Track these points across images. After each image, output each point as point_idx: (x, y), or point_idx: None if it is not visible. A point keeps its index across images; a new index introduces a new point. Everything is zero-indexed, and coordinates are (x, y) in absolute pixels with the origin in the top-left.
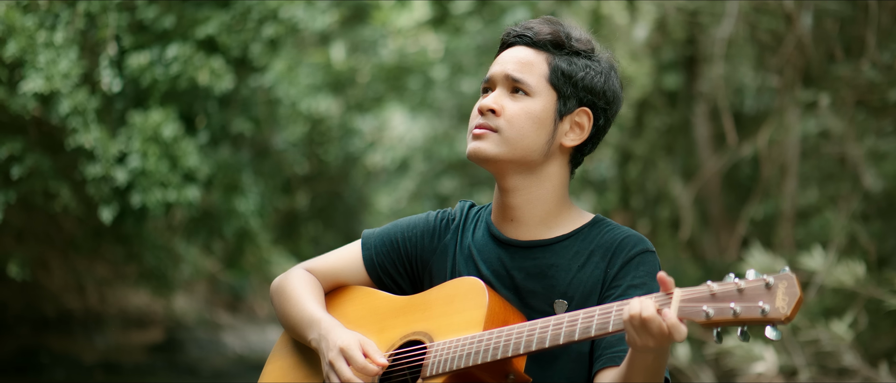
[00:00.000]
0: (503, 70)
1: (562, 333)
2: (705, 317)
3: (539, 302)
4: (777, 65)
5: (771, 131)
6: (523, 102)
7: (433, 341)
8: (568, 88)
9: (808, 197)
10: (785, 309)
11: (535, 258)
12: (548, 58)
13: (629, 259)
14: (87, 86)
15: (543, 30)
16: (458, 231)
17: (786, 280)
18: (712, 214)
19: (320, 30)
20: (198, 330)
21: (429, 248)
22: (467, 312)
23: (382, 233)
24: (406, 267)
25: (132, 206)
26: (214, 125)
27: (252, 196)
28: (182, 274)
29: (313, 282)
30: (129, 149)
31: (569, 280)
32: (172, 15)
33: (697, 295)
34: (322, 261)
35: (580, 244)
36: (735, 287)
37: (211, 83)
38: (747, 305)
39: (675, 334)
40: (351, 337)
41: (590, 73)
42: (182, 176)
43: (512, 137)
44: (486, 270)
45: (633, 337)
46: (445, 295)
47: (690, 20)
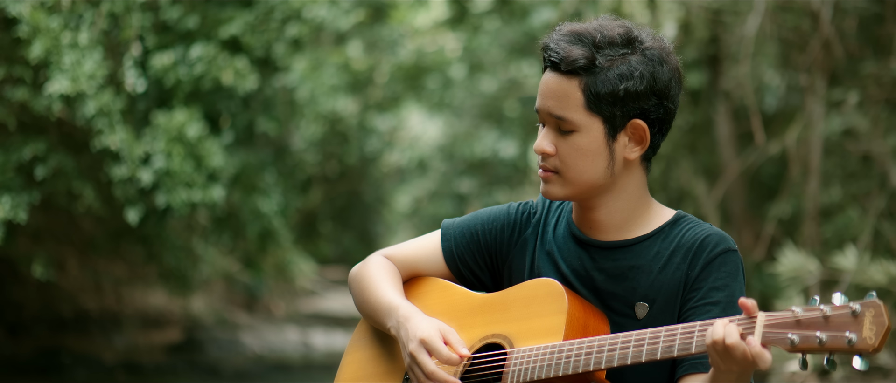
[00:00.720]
0: (545, 107)
1: (643, 351)
2: (790, 345)
3: (620, 305)
4: (804, 63)
5: (799, 129)
6: (571, 140)
7: (513, 346)
8: (610, 109)
9: (831, 195)
10: (872, 339)
11: (615, 259)
12: (580, 84)
13: (711, 260)
14: (111, 87)
15: (573, 54)
16: (538, 225)
17: (873, 308)
18: (734, 213)
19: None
20: (216, 329)
21: (509, 242)
22: (547, 317)
23: (463, 225)
24: (486, 260)
25: (157, 207)
26: (238, 125)
27: (275, 196)
28: (201, 274)
29: (392, 268)
30: (154, 149)
31: (650, 282)
32: (196, 15)
33: (782, 321)
34: (401, 250)
35: (661, 244)
36: (821, 314)
37: (235, 83)
38: (833, 335)
39: (760, 362)
40: (431, 326)
41: (628, 83)
42: (206, 176)
43: (572, 177)
44: (566, 269)
45: (716, 361)
46: (524, 297)
47: (713, 18)
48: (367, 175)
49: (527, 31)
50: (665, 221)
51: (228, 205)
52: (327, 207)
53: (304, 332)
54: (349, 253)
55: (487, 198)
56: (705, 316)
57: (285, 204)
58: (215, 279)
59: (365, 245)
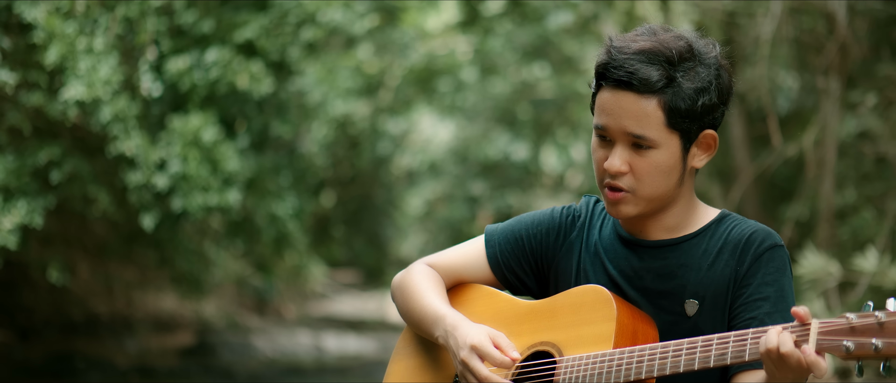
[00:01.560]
0: (621, 126)
1: (696, 359)
2: (845, 352)
3: (669, 303)
4: (820, 65)
5: (817, 132)
6: (650, 157)
7: (562, 355)
8: (688, 124)
9: (845, 197)
10: None
11: (664, 258)
12: (660, 102)
13: (759, 255)
14: (127, 92)
15: (652, 76)
16: (583, 228)
17: None
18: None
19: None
20: (227, 333)
21: (554, 246)
22: (596, 324)
23: (506, 230)
24: (531, 265)
25: (173, 211)
26: (253, 129)
27: (289, 199)
28: (213, 277)
29: (436, 276)
30: (170, 154)
31: (699, 279)
32: (211, 19)
33: (836, 328)
34: (444, 257)
35: (708, 242)
36: (875, 321)
37: (250, 87)
38: (889, 341)
39: (816, 370)
40: (480, 333)
41: (704, 97)
42: (222, 180)
43: (648, 194)
44: (614, 271)
45: (771, 370)
46: (572, 304)
47: (728, 20)
48: (378, 178)
49: (540, 34)
50: (711, 220)
51: (243, 209)
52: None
53: (315, 336)
54: (360, 256)
55: (499, 200)
56: (756, 312)
57: (300, 207)
58: (227, 283)
59: (376, 248)
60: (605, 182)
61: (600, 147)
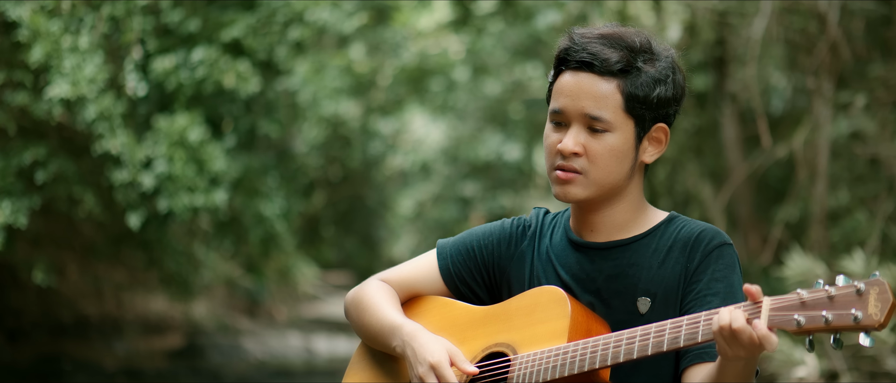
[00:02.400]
0: (579, 107)
1: (649, 344)
2: (796, 326)
3: (622, 302)
4: (811, 65)
5: (806, 132)
6: (604, 139)
7: (517, 353)
8: (644, 112)
9: (838, 199)
10: (878, 315)
11: (614, 259)
12: (619, 85)
13: (709, 252)
14: (112, 91)
15: (612, 58)
16: (534, 237)
17: (877, 286)
18: (740, 217)
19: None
20: (217, 335)
21: (506, 256)
22: (550, 323)
23: (458, 242)
24: (484, 276)
25: (159, 212)
26: (241, 129)
27: (277, 200)
28: (202, 279)
29: (390, 290)
30: (156, 153)
31: (650, 277)
32: (197, 18)
33: (787, 304)
34: (397, 272)
35: (658, 241)
36: (825, 294)
37: (237, 86)
38: (839, 313)
39: (767, 344)
40: (439, 349)
41: (660, 88)
42: (209, 180)
43: (599, 177)
44: (566, 275)
45: (723, 348)
46: (526, 306)
47: (719, 20)
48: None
49: (531, 33)
50: (660, 221)
51: (231, 209)
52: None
53: (306, 338)
54: (352, 257)
55: (491, 201)
56: (707, 307)
57: (288, 208)
58: (217, 284)
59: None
60: (556, 164)
61: (554, 132)
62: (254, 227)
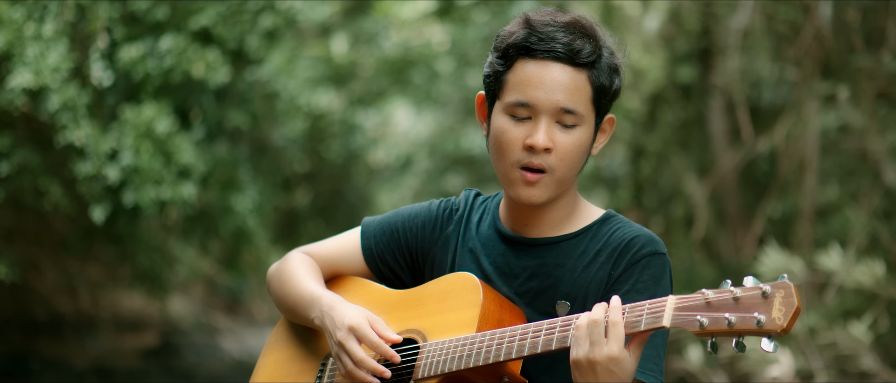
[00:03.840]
0: (553, 101)
1: (554, 338)
2: (699, 327)
3: (542, 303)
4: (795, 56)
5: (789, 125)
6: (573, 135)
7: (426, 340)
8: (605, 103)
9: (828, 194)
10: (781, 320)
11: (540, 257)
12: (590, 76)
13: (636, 261)
14: (77, 80)
15: (584, 49)
16: (461, 222)
17: (783, 289)
18: (729, 212)
19: (321, 21)
20: (194, 334)
21: (430, 239)
22: (461, 310)
23: (383, 222)
24: (407, 258)
25: (125, 205)
26: (210, 120)
27: (249, 194)
28: (177, 275)
29: (312, 263)
30: (122, 145)
31: (573, 280)
32: (166, 5)
33: (692, 304)
34: (320, 248)
35: (588, 242)
36: (731, 295)
37: (206, 76)
38: (742, 316)
39: (613, 330)
40: (358, 314)
41: (617, 77)
42: (177, 173)
43: (563, 175)
44: (489, 266)
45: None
46: (440, 291)
47: (705, 10)
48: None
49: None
50: (594, 220)
51: (202, 203)
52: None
53: None
54: None
55: None
56: None
57: (261, 202)
58: (195, 281)
59: None
60: (523, 162)
61: (517, 127)
62: (223, 222)
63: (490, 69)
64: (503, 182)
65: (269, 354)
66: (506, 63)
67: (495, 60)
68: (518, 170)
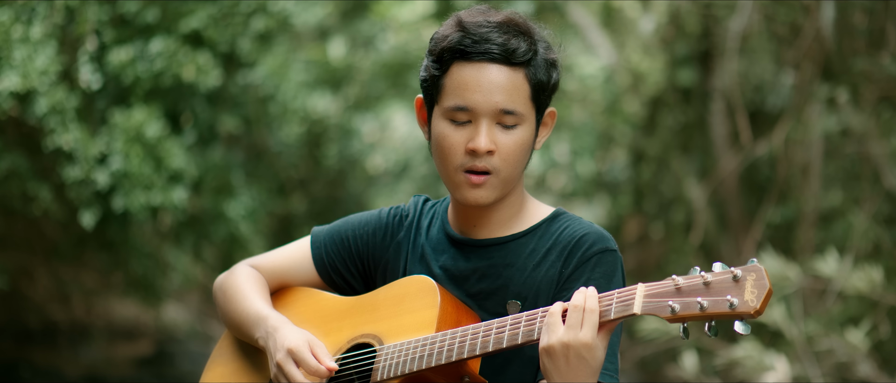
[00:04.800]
0: (492, 103)
1: (520, 332)
2: (671, 313)
3: (493, 304)
4: (794, 58)
5: (788, 129)
6: (514, 134)
7: (383, 343)
8: (544, 98)
9: (831, 199)
10: (754, 302)
11: (490, 258)
12: (527, 74)
13: (586, 258)
14: (65, 83)
15: (520, 47)
16: (411, 228)
17: (754, 272)
18: (731, 217)
19: (316, 24)
20: (190, 342)
21: (381, 246)
22: (418, 312)
23: (333, 230)
24: (358, 266)
25: (114, 210)
26: (201, 124)
27: (243, 199)
28: (172, 283)
29: (259, 278)
30: (111, 149)
31: (523, 280)
32: (156, 8)
33: (662, 290)
34: (268, 259)
35: (538, 241)
36: (701, 280)
37: (197, 79)
38: (714, 299)
39: (589, 316)
40: (299, 337)
41: (553, 71)
42: (167, 177)
43: (508, 175)
44: (439, 270)
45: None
46: (395, 295)
47: (705, 12)
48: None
49: None
50: (543, 218)
51: (195, 208)
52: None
53: None
54: None
55: None
56: None
57: (254, 208)
58: (191, 289)
59: None
60: (466, 166)
61: (458, 131)
62: (216, 228)
63: (426, 73)
64: (449, 185)
65: (214, 368)
66: (441, 67)
67: (431, 64)
68: (462, 174)
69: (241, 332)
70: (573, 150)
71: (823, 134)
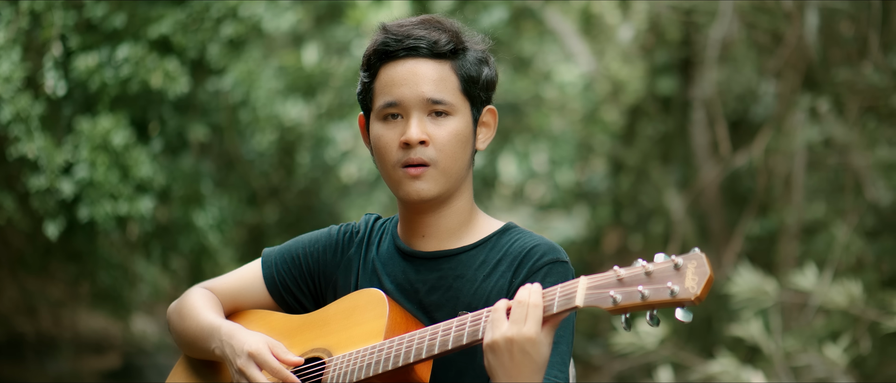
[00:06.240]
0: (418, 93)
1: (465, 333)
2: (613, 303)
3: (444, 316)
4: (776, 67)
5: (770, 139)
6: (448, 124)
7: (332, 356)
8: (478, 93)
9: (813, 211)
10: (695, 288)
11: (439, 270)
12: (454, 67)
13: (537, 269)
14: (30, 90)
15: (441, 39)
16: (361, 245)
17: (695, 260)
18: (711, 229)
19: (289, 29)
20: (158, 355)
21: (332, 264)
22: (367, 323)
23: (283, 250)
24: (309, 284)
25: (80, 220)
26: (170, 132)
27: (212, 209)
28: (140, 294)
29: (211, 296)
30: (77, 158)
31: (473, 291)
32: (123, 13)
33: (604, 282)
34: (221, 282)
35: (488, 253)
36: (643, 270)
37: (165, 86)
38: (656, 287)
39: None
40: (257, 339)
41: (486, 68)
42: (134, 187)
43: (447, 166)
44: (390, 284)
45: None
46: (345, 309)
47: (685, 20)
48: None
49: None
50: (493, 231)
51: (163, 218)
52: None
53: None
54: None
55: None
56: None
57: (223, 218)
58: (160, 300)
59: None
60: (403, 160)
61: (391, 128)
62: (184, 238)
63: (360, 86)
64: (392, 186)
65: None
66: (371, 73)
67: (362, 75)
68: (400, 169)
69: (196, 347)
70: (552, 160)
71: (806, 144)
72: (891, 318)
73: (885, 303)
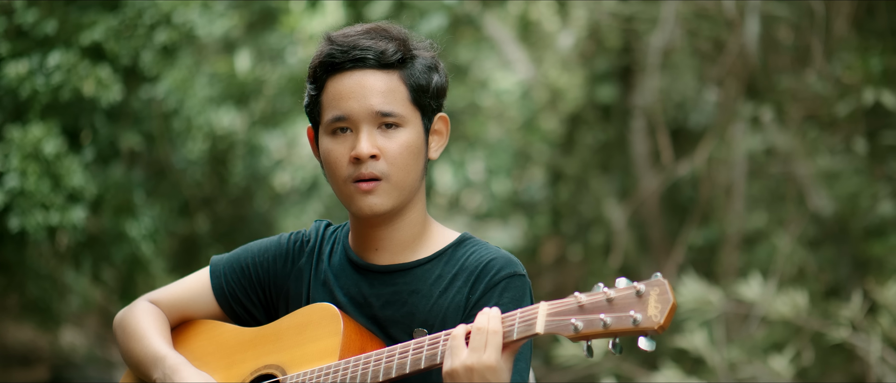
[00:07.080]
0: (367, 107)
1: (423, 356)
2: (574, 331)
3: (399, 331)
4: (718, 75)
5: (711, 148)
6: (398, 137)
7: (286, 373)
8: (428, 101)
9: (755, 220)
10: (658, 317)
11: (394, 284)
12: (402, 77)
13: (494, 284)
14: None
15: (389, 49)
16: (313, 254)
17: (657, 287)
18: (652, 239)
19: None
20: (88, 367)
21: (282, 273)
22: (322, 341)
23: (232, 259)
24: (259, 294)
25: (10, 230)
26: (102, 141)
27: (144, 219)
28: (69, 306)
29: (159, 314)
30: (6, 167)
31: (429, 307)
32: (54, 19)
33: (564, 308)
34: (168, 292)
35: (443, 267)
36: (604, 297)
37: (97, 94)
38: (618, 316)
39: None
40: (198, 380)
41: (435, 76)
42: (66, 196)
43: (400, 179)
44: (343, 297)
45: None
46: (298, 324)
47: (626, 27)
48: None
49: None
50: (448, 243)
51: (94, 228)
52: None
53: None
54: None
55: None
56: None
57: (155, 228)
58: (90, 312)
59: None
60: (354, 175)
61: (340, 142)
62: (116, 249)
63: (307, 98)
64: (343, 200)
65: None
66: (317, 86)
67: (309, 87)
68: (351, 184)
69: (140, 372)
70: (488, 169)
71: (747, 153)
72: (834, 329)
73: (829, 314)
